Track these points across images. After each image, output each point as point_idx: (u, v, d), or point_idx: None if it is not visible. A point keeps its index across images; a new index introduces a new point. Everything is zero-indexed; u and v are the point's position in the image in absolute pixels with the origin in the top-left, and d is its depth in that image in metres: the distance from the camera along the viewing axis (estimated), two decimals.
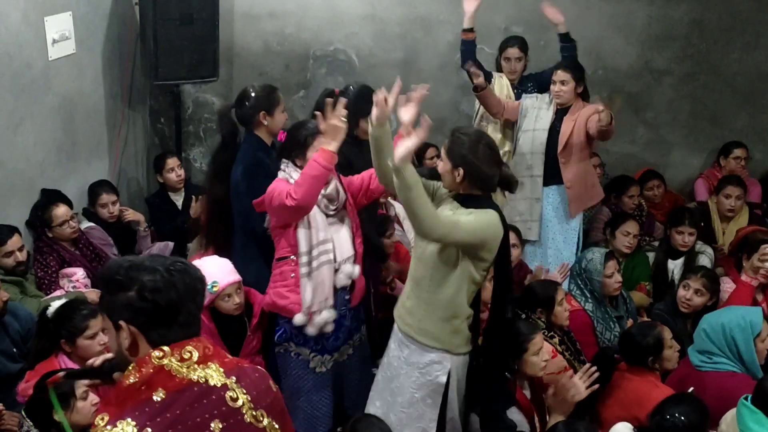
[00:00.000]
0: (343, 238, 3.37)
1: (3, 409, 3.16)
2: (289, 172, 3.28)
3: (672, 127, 6.00)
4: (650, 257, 4.96)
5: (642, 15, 5.72)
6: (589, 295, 4.10)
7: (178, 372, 1.70)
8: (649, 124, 6.00)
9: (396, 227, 4.38)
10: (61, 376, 2.08)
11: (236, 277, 3.43)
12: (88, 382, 2.01)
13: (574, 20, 5.57)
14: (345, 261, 3.35)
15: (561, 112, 4.62)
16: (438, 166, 3.01)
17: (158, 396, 1.66)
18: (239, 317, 3.50)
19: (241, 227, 3.73)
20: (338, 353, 3.47)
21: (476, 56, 4.84)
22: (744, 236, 4.70)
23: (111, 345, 1.80)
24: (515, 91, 4.98)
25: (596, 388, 3.22)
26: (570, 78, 4.53)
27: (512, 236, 4.30)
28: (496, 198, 3.08)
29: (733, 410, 2.94)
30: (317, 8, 5.78)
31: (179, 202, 5.30)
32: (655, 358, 3.35)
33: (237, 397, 1.74)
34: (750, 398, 2.89)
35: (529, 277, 4.48)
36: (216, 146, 4.04)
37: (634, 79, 5.87)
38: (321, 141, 3.11)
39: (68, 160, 4.78)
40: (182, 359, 1.71)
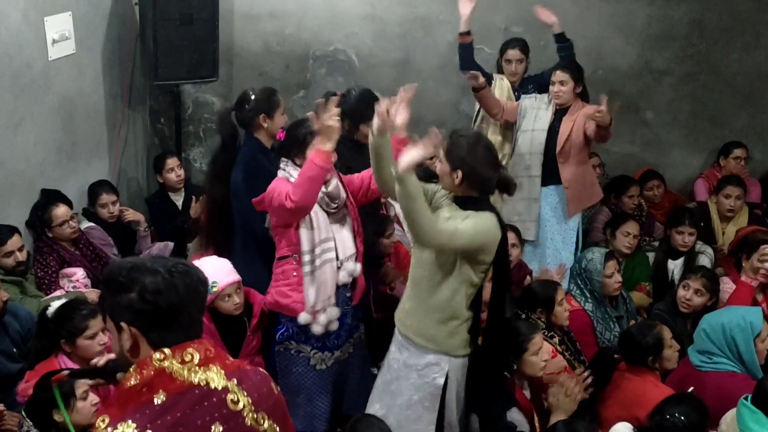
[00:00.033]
0: (345, 236, 3.37)
1: (4, 410, 3.16)
2: (289, 171, 3.28)
3: (672, 127, 6.00)
4: (650, 257, 4.96)
5: (642, 15, 5.71)
6: (589, 295, 4.10)
7: (179, 374, 1.69)
8: (649, 124, 5.99)
9: (396, 227, 4.38)
10: (66, 375, 2.09)
11: (236, 277, 3.43)
12: (92, 382, 2.02)
13: (574, 20, 5.58)
14: (347, 259, 3.35)
15: (560, 113, 4.62)
16: (436, 168, 3.01)
17: (159, 398, 1.66)
18: (239, 317, 3.50)
19: (241, 229, 3.73)
20: (340, 351, 3.47)
21: (475, 58, 4.84)
22: (744, 236, 4.70)
23: (113, 346, 1.80)
24: (516, 93, 4.97)
25: (591, 392, 3.23)
26: (569, 78, 4.54)
27: (512, 236, 4.31)
28: (494, 199, 3.08)
29: (733, 410, 2.94)
30: (317, 8, 5.78)
31: (179, 202, 5.30)
32: (655, 358, 3.35)
33: (238, 400, 1.74)
34: (750, 398, 2.89)
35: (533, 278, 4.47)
36: (216, 148, 4.03)
37: (634, 79, 5.87)
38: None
39: (68, 160, 4.78)
40: (183, 361, 1.71)
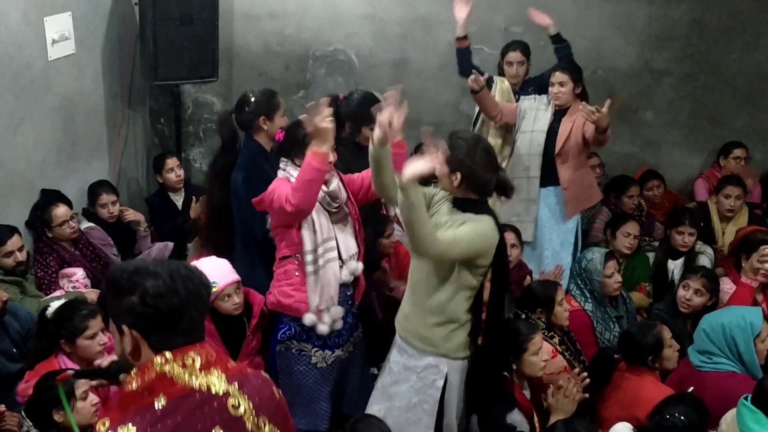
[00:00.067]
0: (347, 235, 3.37)
1: (5, 411, 3.16)
2: (289, 171, 3.27)
3: (672, 127, 6.00)
4: (650, 257, 4.96)
5: (642, 15, 5.71)
6: (589, 295, 4.10)
7: (180, 378, 1.69)
8: (649, 125, 5.99)
9: (396, 227, 4.37)
10: (71, 374, 2.09)
11: (235, 277, 3.42)
12: (95, 383, 2.02)
13: (574, 20, 5.59)
14: (350, 258, 3.35)
15: (559, 113, 4.61)
16: (435, 169, 3.01)
17: (160, 402, 1.66)
18: (238, 318, 3.50)
19: (241, 230, 3.73)
20: (340, 350, 3.46)
21: (474, 58, 4.83)
22: (744, 236, 4.69)
23: (115, 348, 1.80)
24: (516, 96, 4.95)
25: (591, 392, 3.23)
26: (568, 79, 4.53)
27: (512, 236, 4.31)
28: (491, 201, 3.08)
29: (733, 410, 2.94)
30: (317, 8, 5.78)
31: (179, 203, 5.30)
32: (655, 358, 3.35)
33: (239, 405, 1.74)
34: (750, 398, 2.89)
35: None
36: (216, 151, 4.02)
37: (634, 80, 5.87)
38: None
39: (68, 160, 4.78)
40: (184, 365, 1.70)
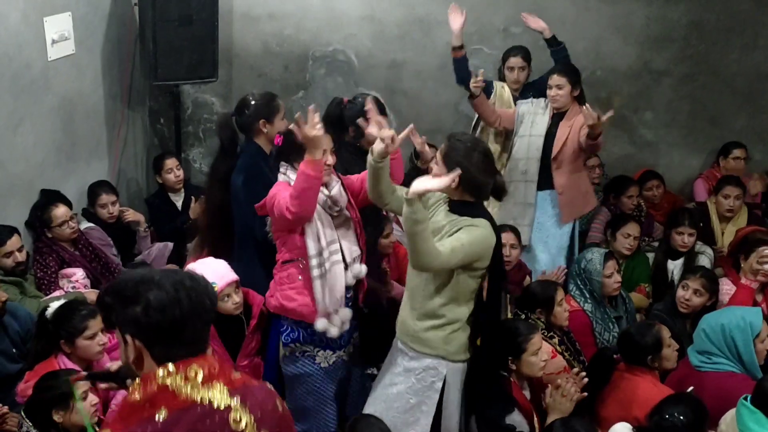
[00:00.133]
0: (350, 238, 3.37)
1: (7, 411, 3.16)
2: (289, 175, 3.26)
3: (671, 128, 6.00)
4: (649, 258, 4.96)
5: (641, 16, 5.72)
6: (589, 296, 4.09)
7: (182, 391, 1.69)
8: (648, 125, 5.99)
9: (395, 227, 4.37)
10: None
11: (233, 276, 3.41)
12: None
13: (573, 21, 5.59)
14: (353, 261, 3.35)
15: (557, 117, 4.60)
16: (432, 170, 3.01)
17: (161, 415, 1.66)
18: (237, 318, 3.50)
19: (241, 233, 3.72)
20: (341, 351, 3.46)
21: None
22: (743, 236, 4.68)
23: (120, 355, 1.81)
24: (517, 102, 4.92)
25: (590, 392, 3.23)
26: (566, 82, 4.52)
27: (512, 237, 4.31)
28: (487, 203, 3.08)
29: (733, 410, 2.94)
30: (316, 9, 5.78)
31: (179, 203, 5.30)
32: (654, 357, 3.35)
33: (240, 419, 1.73)
34: (749, 398, 2.89)
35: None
36: (216, 153, 4.01)
37: (633, 80, 5.87)
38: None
39: (68, 161, 4.78)
40: (187, 378, 1.70)
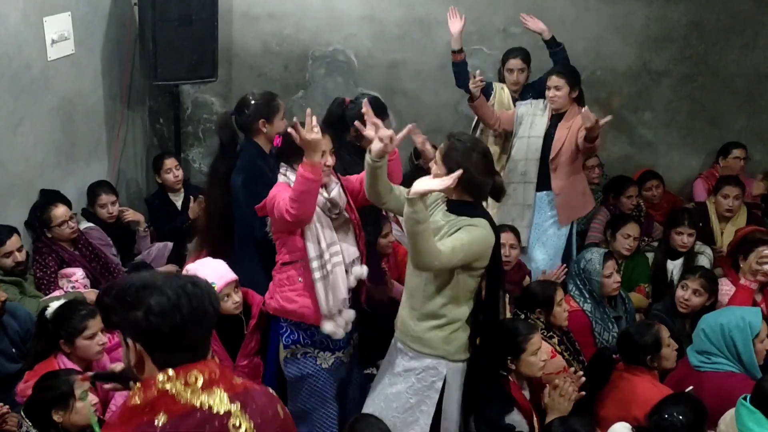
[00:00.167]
0: (349, 240, 3.37)
1: (8, 411, 3.16)
2: (289, 177, 3.24)
3: (670, 128, 6.00)
4: (649, 258, 4.96)
5: (640, 16, 5.72)
6: (588, 296, 4.10)
7: (182, 396, 1.69)
8: (648, 125, 5.99)
9: (395, 227, 4.37)
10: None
11: (233, 276, 3.41)
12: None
13: (573, 21, 5.60)
14: (353, 263, 3.35)
15: (556, 118, 4.60)
16: (432, 169, 3.01)
17: (160, 420, 1.66)
18: (237, 318, 3.50)
19: (241, 232, 3.72)
20: (340, 352, 3.46)
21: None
22: (743, 236, 4.69)
23: (123, 358, 1.81)
24: (516, 103, 4.92)
25: (589, 392, 3.23)
26: (564, 83, 4.51)
27: (511, 237, 4.31)
28: (485, 205, 3.08)
29: (732, 410, 2.95)
30: (316, 9, 5.78)
31: (179, 203, 5.30)
32: (653, 357, 3.35)
33: (240, 425, 1.72)
34: (749, 398, 2.89)
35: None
36: (215, 153, 4.01)
37: (633, 80, 5.87)
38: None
39: (67, 161, 4.78)
40: (187, 384, 1.70)
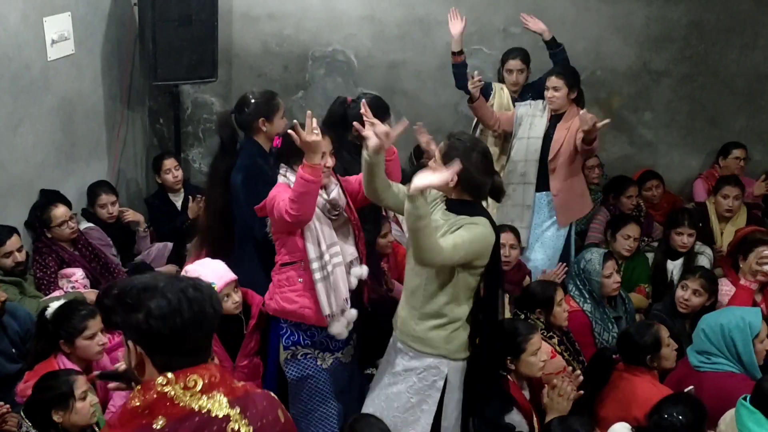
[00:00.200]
0: (348, 241, 3.37)
1: (9, 410, 3.16)
2: (289, 178, 3.25)
3: (670, 128, 6.00)
4: (649, 258, 4.96)
5: (640, 16, 5.72)
6: (588, 296, 4.09)
7: (181, 400, 1.69)
8: (648, 125, 5.99)
9: (395, 227, 4.38)
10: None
11: (232, 276, 3.41)
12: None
13: (573, 21, 5.59)
14: (352, 263, 3.35)
15: (555, 119, 4.60)
16: (431, 166, 3.01)
17: (158, 423, 1.66)
18: (237, 318, 3.50)
19: (241, 232, 3.72)
20: (339, 353, 3.46)
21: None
22: (743, 237, 4.68)
23: (124, 359, 1.81)
24: (516, 104, 4.92)
25: (588, 392, 3.23)
26: (562, 84, 4.51)
27: (511, 237, 4.30)
28: (485, 205, 3.08)
29: (732, 410, 2.94)
30: (316, 9, 5.78)
31: (178, 203, 5.30)
32: (653, 357, 3.35)
33: (239, 429, 1.72)
34: (749, 398, 2.89)
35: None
36: (215, 152, 4.00)
37: (633, 80, 5.87)
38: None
39: (67, 161, 4.78)
40: (186, 387, 1.70)
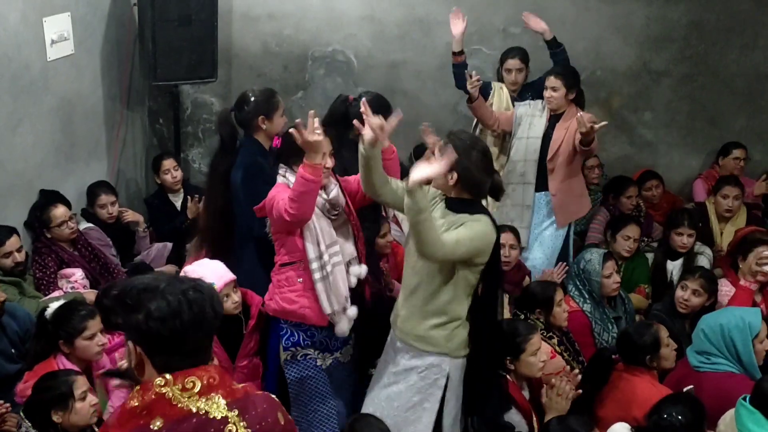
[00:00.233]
0: (347, 241, 3.36)
1: (9, 410, 3.16)
2: (288, 178, 3.25)
3: (670, 128, 6.00)
4: (649, 258, 4.95)
5: (640, 16, 5.72)
6: (588, 296, 4.10)
7: (179, 401, 1.69)
8: (648, 125, 5.99)
9: (394, 228, 4.37)
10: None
11: (231, 276, 3.40)
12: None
13: (573, 21, 5.59)
14: (351, 263, 3.35)
15: (554, 119, 4.59)
16: (426, 159, 3.00)
17: (156, 424, 1.66)
18: (236, 318, 3.49)
19: (241, 231, 3.72)
20: (338, 353, 3.46)
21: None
22: (742, 237, 4.68)
23: (126, 358, 1.81)
24: (515, 104, 4.91)
25: (588, 392, 3.23)
26: (561, 84, 4.50)
27: (511, 237, 4.30)
28: (485, 204, 3.08)
29: (732, 411, 2.94)
30: (316, 9, 5.78)
31: (178, 203, 5.29)
32: (653, 357, 3.35)
33: (236, 431, 1.72)
34: (748, 399, 2.89)
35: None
36: (215, 150, 4.00)
37: (633, 80, 5.87)
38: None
39: (67, 161, 4.78)
40: (184, 389, 1.70)
